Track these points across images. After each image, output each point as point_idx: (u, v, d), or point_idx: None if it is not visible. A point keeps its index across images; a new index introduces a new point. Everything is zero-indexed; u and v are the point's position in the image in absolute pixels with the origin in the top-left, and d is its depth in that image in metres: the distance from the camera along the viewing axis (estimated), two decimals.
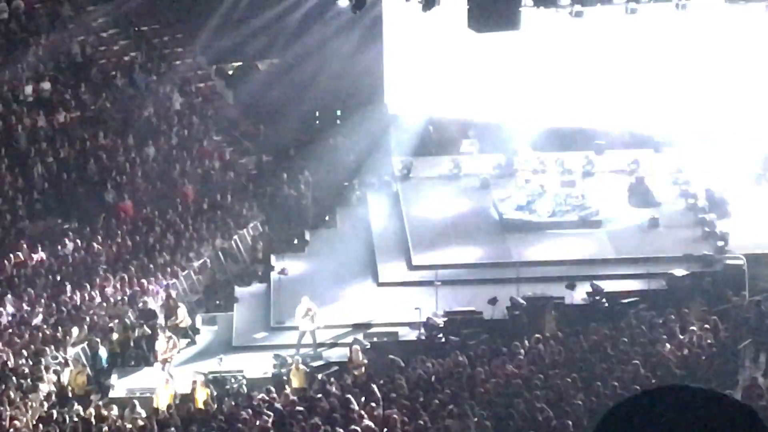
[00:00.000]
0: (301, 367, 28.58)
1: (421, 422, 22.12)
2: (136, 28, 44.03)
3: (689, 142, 38.86)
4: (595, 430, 3.04)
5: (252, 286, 34.97)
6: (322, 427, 22.49)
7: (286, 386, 27.54)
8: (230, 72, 44.79)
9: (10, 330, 30.84)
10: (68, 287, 33.07)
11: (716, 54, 37.43)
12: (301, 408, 24.00)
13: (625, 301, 30.27)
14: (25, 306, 32.08)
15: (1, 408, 25.71)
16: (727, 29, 36.34)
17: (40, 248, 35.31)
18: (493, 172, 39.10)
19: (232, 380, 28.63)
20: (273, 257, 35.86)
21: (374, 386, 25.13)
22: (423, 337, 30.18)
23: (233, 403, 25.58)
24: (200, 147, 41.38)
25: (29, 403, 26.62)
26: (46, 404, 27.04)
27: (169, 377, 29.35)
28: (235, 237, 36.78)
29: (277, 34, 41.94)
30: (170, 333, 30.92)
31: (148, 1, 42.63)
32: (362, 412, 22.85)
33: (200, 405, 26.84)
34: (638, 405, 3.03)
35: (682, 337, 26.61)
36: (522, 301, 30.85)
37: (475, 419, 21.70)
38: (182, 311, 32.05)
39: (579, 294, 31.16)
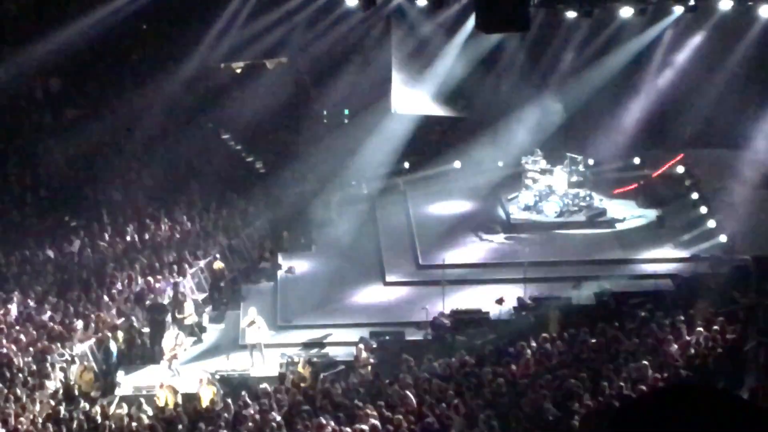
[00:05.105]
0: (308, 365, 28.56)
1: (428, 422, 22.11)
2: (145, 26, 44.07)
3: (697, 141, 38.85)
4: (609, 427, 3.04)
5: (259, 284, 34.98)
6: (328, 425, 22.48)
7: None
8: (238, 71, 44.82)
9: (17, 327, 30.87)
10: (75, 284, 33.12)
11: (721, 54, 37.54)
12: (307, 407, 24.00)
13: (632, 301, 30.21)
14: (31, 303, 32.11)
15: (8, 405, 25.72)
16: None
17: (47, 245, 35.35)
18: (501, 171, 39.06)
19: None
20: (280, 256, 35.87)
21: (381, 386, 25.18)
22: (430, 337, 30.16)
23: (241, 402, 25.54)
24: (208, 145, 41.45)
25: (36, 401, 26.62)
26: (52, 401, 27.02)
27: (174, 374, 29.39)
28: (242, 235, 36.81)
29: (285, 33, 41.96)
30: (177, 330, 30.93)
31: None
32: (368, 411, 22.83)
33: (206, 403, 26.84)
34: (650, 404, 3.03)
35: (688, 337, 26.55)
36: (529, 301, 30.84)
37: (482, 417, 21.67)
38: (189, 306, 32.08)
39: (586, 294, 31.17)
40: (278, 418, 23.59)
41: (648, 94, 38.99)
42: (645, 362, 24.43)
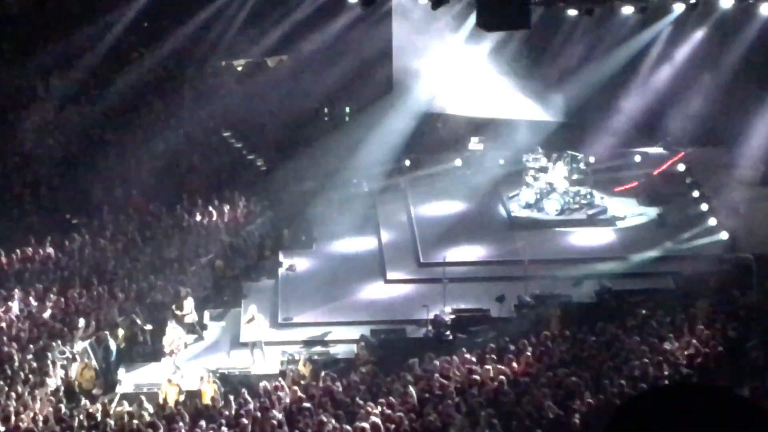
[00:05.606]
0: (308, 363, 28.56)
1: (429, 419, 22.13)
2: (146, 24, 44.06)
3: (698, 139, 38.85)
4: (609, 425, 3.04)
5: (260, 282, 34.98)
6: (328, 423, 22.49)
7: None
8: (240, 68, 44.83)
9: (18, 324, 30.87)
10: (76, 282, 33.11)
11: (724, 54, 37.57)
12: (308, 404, 24.00)
13: (633, 299, 30.22)
14: (32, 301, 32.10)
15: (9, 403, 25.72)
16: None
17: (47, 243, 35.34)
18: (502, 169, 39.08)
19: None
20: (281, 253, 35.87)
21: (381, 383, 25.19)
22: (431, 335, 30.16)
23: (242, 400, 25.55)
24: (209, 143, 41.43)
25: (37, 398, 26.60)
26: (53, 399, 27.01)
27: (176, 370, 29.37)
28: (243, 233, 36.79)
29: (287, 31, 41.96)
30: (177, 325, 30.91)
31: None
32: (369, 409, 22.84)
33: (207, 401, 26.85)
34: (650, 402, 3.02)
35: (689, 336, 26.56)
36: (529, 299, 30.84)
37: (483, 416, 21.69)
38: (189, 303, 32.05)
39: (586, 292, 31.17)
40: (279, 416, 23.60)
41: (648, 91, 38.96)
42: (646, 360, 24.45)
